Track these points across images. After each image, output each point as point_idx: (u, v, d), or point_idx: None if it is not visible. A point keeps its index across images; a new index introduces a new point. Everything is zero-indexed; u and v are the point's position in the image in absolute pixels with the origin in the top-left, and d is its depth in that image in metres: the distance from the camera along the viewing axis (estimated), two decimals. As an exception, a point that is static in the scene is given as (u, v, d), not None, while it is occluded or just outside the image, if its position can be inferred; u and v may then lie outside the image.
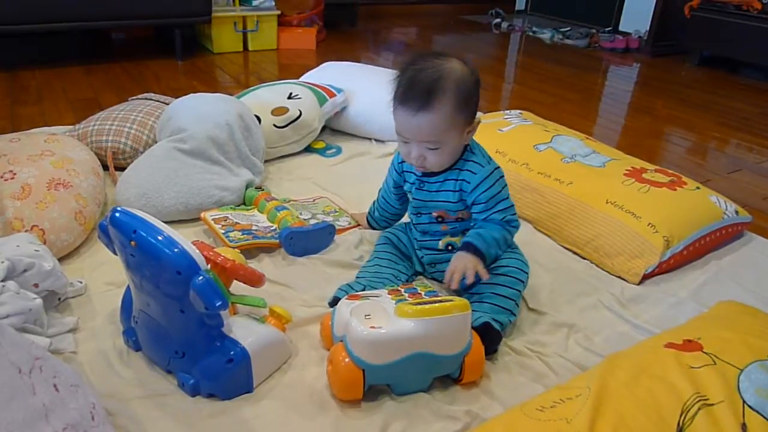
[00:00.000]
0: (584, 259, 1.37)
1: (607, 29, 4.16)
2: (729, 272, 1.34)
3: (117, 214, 0.89)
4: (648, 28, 3.85)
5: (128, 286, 0.99)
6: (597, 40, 3.98)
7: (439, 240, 1.20)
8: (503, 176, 1.14)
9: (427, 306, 0.88)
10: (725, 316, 0.99)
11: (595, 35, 4.02)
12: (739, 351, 0.81)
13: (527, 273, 1.15)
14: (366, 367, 0.88)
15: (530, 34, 4.23)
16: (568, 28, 4.20)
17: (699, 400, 0.72)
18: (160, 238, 0.85)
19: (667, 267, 1.31)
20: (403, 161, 1.20)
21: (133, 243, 0.85)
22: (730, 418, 0.70)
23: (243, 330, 0.94)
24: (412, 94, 1.02)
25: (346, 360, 0.89)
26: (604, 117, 2.66)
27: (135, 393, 0.92)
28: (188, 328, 0.90)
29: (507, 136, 1.72)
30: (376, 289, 1.08)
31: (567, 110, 2.59)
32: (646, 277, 1.29)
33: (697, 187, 1.48)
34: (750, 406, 0.72)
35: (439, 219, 1.18)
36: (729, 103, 2.86)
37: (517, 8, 5.01)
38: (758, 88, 3.16)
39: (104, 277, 1.19)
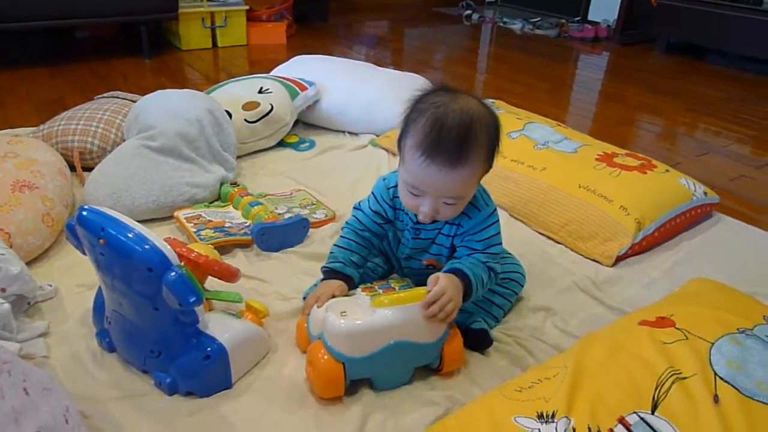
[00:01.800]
0: (558, 243, 1.38)
1: (576, 19, 4.20)
2: (699, 252, 1.37)
3: (84, 213, 0.87)
4: (616, 17, 3.89)
5: (100, 287, 0.97)
6: (566, 29, 4.02)
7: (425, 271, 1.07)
8: (498, 220, 1.02)
9: (402, 294, 0.89)
10: (696, 293, 1.01)
11: (564, 25, 4.06)
12: (710, 326, 0.83)
13: (523, 287, 1.14)
14: (346, 361, 0.88)
15: (501, 25, 4.25)
16: (538, 19, 4.23)
17: (672, 374, 0.74)
18: (129, 235, 0.83)
19: (639, 249, 1.33)
20: (395, 196, 1.02)
21: (102, 241, 0.84)
22: (703, 390, 0.71)
23: (219, 326, 0.93)
24: (444, 145, 0.85)
25: (326, 356, 0.88)
26: (576, 105, 2.69)
27: (111, 394, 0.91)
28: (163, 326, 0.88)
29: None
30: (353, 261, 1.06)
31: (539, 99, 2.61)
32: (619, 259, 1.31)
33: (667, 170, 1.50)
34: (721, 378, 0.73)
35: (430, 267, 1.07)
36: (696, 88, 2.92)
37: (487, 0, 5.03)
38: (724, 74, 3.22)
39: (75, 279, 1.16)
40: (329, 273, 1.04)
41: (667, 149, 2.12)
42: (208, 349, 0.89)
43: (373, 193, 1.07)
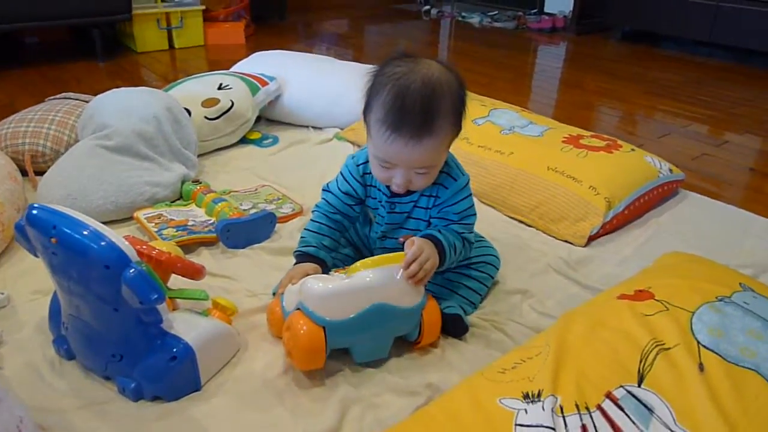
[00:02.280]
0: (530, 226, 1.37)
1: (532, 11, 4.24)
2: (669, 228, 1.38)
3: (34, 212, 0.81)
4: (571, 8, 3.94)
5: (55, 292, 0.91)
6: (524, 21, 4.05)
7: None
8: (471, 191, 1.02)
9: (379, 257, 0.88)
10: (671, 265, 1.01)
11: (522, 17, 4.09)
12: (689, 295, 0.82)
13: (498, 270, 1.12)
14: (327, 325, 0.85)
15: (459, 19, 4.26)
16: (496, 12, 4.26)
17: (656, 346, 0.73)
18: (84, 232, 0.78)
19: (610, 227, 1.33)
20: (366, 173, 1.01)
21: (53, 240, 0.78)
22: (687, 359, 0.70)
23: (185, 325, 0.88)
24: (408, 118, 0.84)
25: (306, 325, 0.85)
26: (537, 93, 2.70)
27: (71, 404, 0.85)
28: (124, 328, 0.83)
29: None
30: (325, 245, 1.04)
31: (502, 89, 2.61)
32: (591, 239, 1.31)
33: (632, 149, 1.51)
34: (704, 346, 0.73)
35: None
36: (653, 74, 2.97)
37: (444, -5, 5.05)
38: (679, 59, 3.29)
39: (29, 285, 1.10)
40: (301, 257, 1.02)
41: (629, 132, 2.14)
42: (174, 349, 0.84)
43: (341, 173, 1.05)
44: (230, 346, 0.95)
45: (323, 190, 1.08)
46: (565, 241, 1.31)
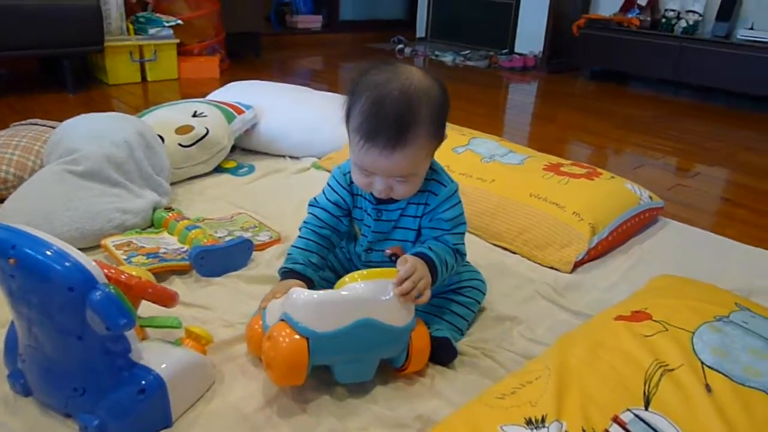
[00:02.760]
0: (514, 253, 1.35)
1: (504, 51, 4.34)
2: (653, 254, 1.37)
3: (-9, 231, 0.75)
4: (542, 48, 4.05)
5: (12, 322, 0.84)
6: (496, 60, 4.14)
7: None
8: (461, 199, 1.00)
9: (371, 271, 0.85)
10: (664, 287, 0.99)
11: (494, 56, 4.19)
12: (687, 315, 0.79)
13: (485, 295, 1.09)
14: (311, 336, 0.79)
15: (433, 57, 4.33)
16: (468, 51, 4.35)
17: (660, 367, 0.69)
18: (47, 252, 0.72)
19: (595, 254, 1.32)
20: (353, 181, 0.98)
21: (12, 261, 0.72)
22: (693, 379, 0.67)
23: (155, 355, 0.81)
24: (383, 128, 0.83)
25: (289, 334, 0.80)
26: (512, 126, 2.73)
27: (26, 444, 0.77)
28: (88, 359, 0.76)
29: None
30: (312, 263, 0.99)
31: (477, 122, 2.61)
32: (576, 266, 1.29)
33: (612, 177, 1.51)
34: (709, 366, 0.69)
35: (393, 258, 0.99)
36: (624, 110, 3.04)
37: (418, 35, 5.15)
38: (647, 97, 3.39)
39: (-17, 317, 1.01)
40: (288, 274, 0.97)
41: (604, 164, 2.16)
42: (143, 382, 0.77)
43: (328, 184, 1.03)
44: (205, 377, 0.88)
45: (310, 205, 1.05)
46: (551, 268, 1.29)
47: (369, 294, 0.82)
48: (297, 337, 0.79)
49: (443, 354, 0.94)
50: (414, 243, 1.00)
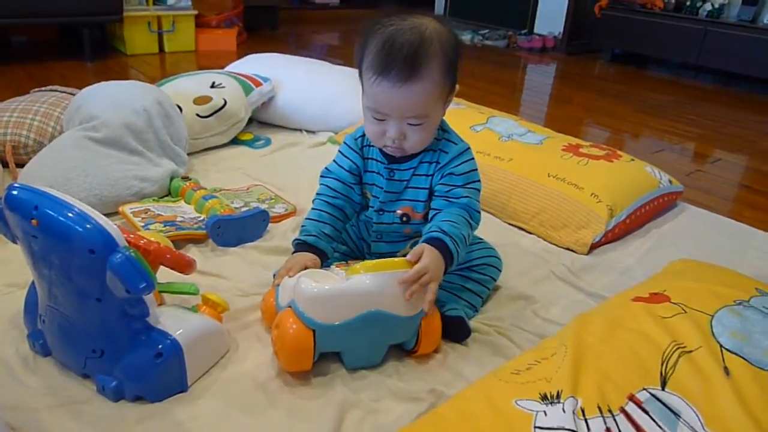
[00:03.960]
0: (530, 233, 1.34)
1: (523, 31, 4.27)
2: (670, 239, 1.36)
3: (14, 192, 0.76)
4: (562, 29, 3.98)
5: (33, 282, 0.85)
6: (515, 40, 4.08)
7: (398, 251, 1.04)
8: (474, 157, 0.98)
9: (379, 261, 0.83)
10: (683, 271, 0.98)
11: (513, 36, 4.12)
12: (706, 299, 0.79)
13: (500, 272, 1.08)
14: (317, 327, 0.80)
15: (451, 35, 4.28)
16: (487, 31, 4.28)
17: (677, 348, 0.69)
18: (69, 214, 0.72)
19: (612, 236, 1.30)
20: (365, 145, 0.99)
21: (34, 222, 0.72)
22: (711, 362, 0.67)
23: (173, 320, 0.82)
24: (396, 61, 0.83)
25: (295, 324, 0.80)
26: (529, 107, 2.70)
27: (44, 402, 0.78)
28: (107, 321, 0.77)
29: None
30: (326, 234, 0.98)
31: (494, 102, 2.59)
32: (593, 248, 1.28)
33: (632, 159, 1.49)
34: (728, 349, 0.69)
35: (404, 218, 1.00)
36: (643, 93, 2.99)
37: (436, 12, 5.07)
38: (667, 80, 3.33)
39: (4, 278, 1.03)
40: (301, 246, 0.97)
41: (621, 147, 2.13)
42: (160, 346, 0.78)
43: (340, 150, 1.03)
44: (220, 344, 0.89)
45: (322, 176, 1.04)
46: (567, 249, 1.28)
47: (376, 287, 0.81)
48: (302, 327, 0.80)
49: (457, 332, 0.94)
50: (425, 202, 0.98)
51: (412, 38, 0.84)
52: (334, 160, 1.03)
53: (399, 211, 0.99)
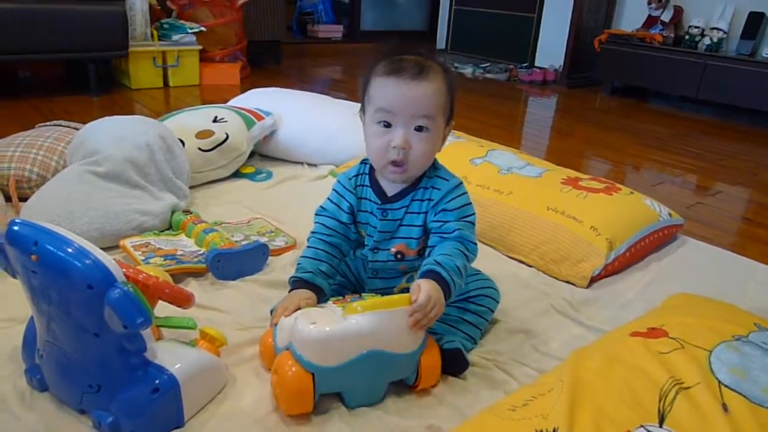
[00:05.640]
0: (530, 266, 1.34)
1: (523, 65, 4.34)
2: (671, 272, 1.35)
3: (15, 227, 0.77)
4: (562, 63, 4.04)
5: (32, 317, 0.85)
6: (516, 73, 4.14)
7: (394, 287, 1.05)
8: (467, 192, 1.00)
9: (376, 300, 0.83)
10: (681, 305, 0.98)
11: (513, 69, 4.18)
12: (704, 334, 0.78)
13: (498, 303, 1.08)
14: (316, 371, 0.80)
15: (453, 69, 4.34)
16: (488, 64, 4.35)
17: (675, 384, 0.68)
18: (68, 249, 0.73)
19: (612, 269, 1.30)
20: (359, 185, 1.02)
21: (34, 257, 0.73)
22: (710, 398, 0.66)
23: (170, 355, 0.82)
24: (406, 68, 0.90)
25: (294, 367, 0.80)
26: (530, 140, 2.72)
27: (40, 439, 0.78)
28: (104, 356, 0.77)
29: (442, 151, 1.69)
30: (322, 271, 0.99)
31: (494, 135, 2.62)
32: (592, 281, 1.28)
33: (631, 192, 1.50)
34: (726, 386, 0.68)
35: (399, 256, 1.01)
36: (643, 126, 3.02)
37: (438, 47, 5.17)
38: (667, 113, 3.36)
39: (4, 312, 1.03)
40: (297, 283, 0.97)
41: (622, 180, 2.14)
42: (157, 381, 0.78)
43: (334, 189, 1.05)
44: (218, 379, 0.88)
45: (316, 214, 1.05)
46: (567, 282, 1.28)
47: (375, 327, 0.81)
48: (301, 371, 0.80)
49: (455, 365, 0.94)
50: (419, 239, 0.99)
51: (416, 60, 0.92)
52: (328, 199, 1.04)
53: (393, 249, 1.00)
